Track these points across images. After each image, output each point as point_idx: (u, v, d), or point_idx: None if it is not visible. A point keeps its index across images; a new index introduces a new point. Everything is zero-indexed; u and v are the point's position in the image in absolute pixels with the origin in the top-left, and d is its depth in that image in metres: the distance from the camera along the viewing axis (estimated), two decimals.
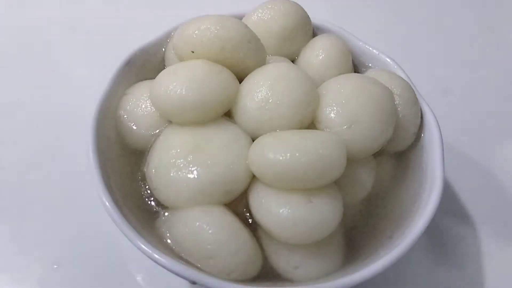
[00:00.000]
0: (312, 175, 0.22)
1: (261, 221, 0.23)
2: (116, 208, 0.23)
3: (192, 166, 0.24)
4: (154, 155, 0.25)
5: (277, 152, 0.22)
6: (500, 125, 0.39)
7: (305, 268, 0.23)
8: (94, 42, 0.41)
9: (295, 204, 0.22)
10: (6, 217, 0.32)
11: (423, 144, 0.27)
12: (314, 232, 0.23)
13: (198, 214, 0.23)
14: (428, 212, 0.23)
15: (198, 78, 0.25)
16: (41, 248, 0.31)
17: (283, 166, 0.22)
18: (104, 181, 0.24)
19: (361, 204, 0.27)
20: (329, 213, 0.23)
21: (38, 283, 0.30)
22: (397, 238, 0.23)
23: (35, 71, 0.39)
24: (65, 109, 0.36)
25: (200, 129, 0.25)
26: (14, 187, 0.33)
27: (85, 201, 0.31)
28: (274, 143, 0.23)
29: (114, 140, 0.27)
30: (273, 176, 0.22)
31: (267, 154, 0.22)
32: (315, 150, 0.22)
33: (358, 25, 0.27)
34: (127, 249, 0.30)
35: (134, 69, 0.29)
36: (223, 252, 0.22)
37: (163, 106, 0.25)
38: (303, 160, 0.22)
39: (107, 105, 0.27)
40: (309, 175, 0.22)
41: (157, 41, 0.30)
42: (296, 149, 0.22)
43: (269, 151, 0.22)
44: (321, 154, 0.22)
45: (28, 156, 0.35)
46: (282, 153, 0.22)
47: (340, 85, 0.26)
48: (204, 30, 0.26)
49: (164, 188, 0.24)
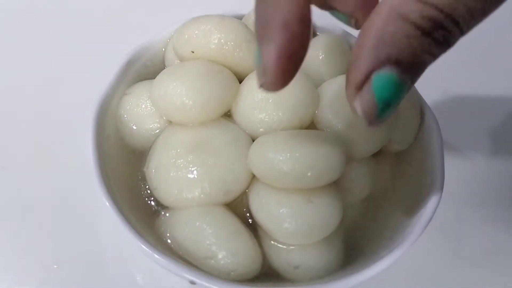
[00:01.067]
0: (312, 175, 0.22)
1: (261, 221, 0.23)
2: (116, 208, 0.23)
3: (192, 166, 0.24)
4: (154, 155, 0.25)
5: (277, 152, 0.22)
6: (500, 125, 0.39)
7: (305, 268, 0.23)
8: (94, 41, 0.41)
9: (295, 204, 0.22)
10: (6, 217, 0.32)
11: (423, 144, 0.27)
12: (314, 232, 0.23)
13: (198, 214, 0.23)
14: (428, 212, 0.23)
15: (198, 78, 0.25)
16: (41, 248, 0.31)
17: (283, 166, 0.22)
18: (104, 180, 0.24)
19: (361, 204, 0.27)
20: (330, 213, 0.23)
21: (38, 283, 0.30)
22: (397, 238, 0.23)
23: (35, 71, 0.39)
24: (65, 109, 0.36)
25: (200, 129, 0.25)
26: (14, 187, 0.33)
27: (85, 201, 0.31)
28: (274, 143, 0.23)
29: (114, 140, 0.27)
30: (273, 176, 0.22)
31: (267, 154, 0.22)
32: (315, 150, 0.22)
33: None
34: (127, 249, 0.30)
35: (134, 69, 0.29)
36: (223, 252, 0.22)
37: (163, 106, 0.25)
38: (303, 160, 0.22)
39: (107, 105, 0.27)
40: (309, 175, 0.22)
41: (158, 41, 0.30)
42: (296, 149, 0.22)
43: (269, 151, 0.22)
44: (321, 154, 0.22)
45: (28, 156, 0.35)
46: (282, 153, 0.22)
47: (340, 85, 0.26)
48: (204, 30, 0.26)
49: (164, 188, 0.24)
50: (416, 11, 0.16)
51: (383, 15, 0.17)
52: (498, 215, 0.34)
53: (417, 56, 0.17)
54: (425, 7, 0.16)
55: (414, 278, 0.31)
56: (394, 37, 0.16)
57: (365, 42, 0.17)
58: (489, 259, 0.32)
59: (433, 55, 0.17)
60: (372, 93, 0.17)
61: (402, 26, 0.16)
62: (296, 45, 0.17)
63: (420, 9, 0.16)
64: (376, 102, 0.17)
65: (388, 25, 0.16)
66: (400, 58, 0.17)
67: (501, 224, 0.34)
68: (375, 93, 0.17)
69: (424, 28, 0.16)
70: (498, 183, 0.35)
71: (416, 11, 0.16)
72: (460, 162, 0.36)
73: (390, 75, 0.17)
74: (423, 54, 0.17)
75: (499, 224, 0.34)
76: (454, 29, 0.17)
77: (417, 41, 0.16)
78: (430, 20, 0.16)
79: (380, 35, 0.17)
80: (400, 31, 0.16)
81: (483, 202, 0.34)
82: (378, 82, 0.17)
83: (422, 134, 0.27)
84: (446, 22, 0.16)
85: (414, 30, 0.16)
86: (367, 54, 0.17)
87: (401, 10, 0.16)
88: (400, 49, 0.17)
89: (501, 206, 0.35)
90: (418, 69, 0.17)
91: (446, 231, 0.33)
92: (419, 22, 0.16)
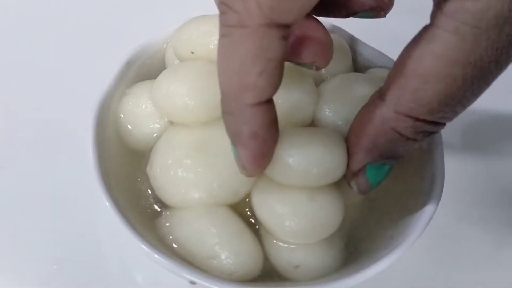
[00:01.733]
0: (317, 173, 0.22)
1: (263, 219, 0.23)
2: (116, 208, 0.23)
3: (201, 166, 0.23)
4: (158, 155, 0.25)
5: (283, 149, 0.22)
6: (501, 125, 0.39)
7: (305, 267, 0.23)
8: (94, 41, 0.40)
9: (299, 203, 0.22)
10: (5, 217, 0.32)
11: (423, 144, 0.27)
12: (317, 231, 0.23)
13: (203, 214, 0.23)
14: (428, 212, 0.23)
15: (199, 78, 0.25)
16: (41, 248, 0.31)
17: (290, 161, 0.21)
18: (104, 180, 0.24)
19: (361, 204, 0.27)
20: (332, 212, 0.23)
21: (38, 283, 0.30)
22: (398, 238, 0.23)
23: (34, 71, 0.39)
24: (64, 109, 0.36)
25: (203, 129, 0.25)
26: (14, 187, 0.33)
27: (85, 201, 0.31)
28: (281, 138, 0.22)
29: (114, 140, 0.27)
30: (278, 171, 0.22)
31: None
32: (322, 148, 0.22)
33: (359, 24, 0.27)
34: (127, 249, 0.30)
35: (134, 69, 0.29)
36: (226, 253, 0.22)
37: (165, 106, 0.25)
38: (309, 157, 0.21)
39: (108, 105, 0.27)
40: (314, 172, 0.22)
41: (157, 41, 0.30)
42: (303, 145, 0.22)
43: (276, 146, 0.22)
44: (327, 151, 0.22)
45: (28, 156, 0.35)
46: (290, 149, 0.21)
47: (340, 85, 0.26)
48: (203, 30, 0.26)
49: (170, 188, 0.24)
50: (408, 127, 0.19)
51: (376, 126, 0.19)
52: (498, 215, 0.34)
53: (406, 152, 0.20)
54: (416, 123, 0.18)
55: (414, 278, 0.31)
56: (387, 145, 0.20)
57: (361, 145, 0.20)
58: (489, 259, 0.32)
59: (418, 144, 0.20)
60: (366, 178, 0.21)
61: (394, 137, 0.19)
62: (267, 146, 0.20)
63: (412, 125, 0.19)
64: (369, 183, 0.21)
65: (381, 135, 0.19)
66: (391, 156, 0.20)
67: (501, 224, 0.34)
68: (369, 178, 0.21)
69: (415, 139, 0.19)
70: (498, 183, 0.36)
71: (408, 128, 0.19)
72: (460, 162, 0.36)
73: (381, 166, 0.21)
74: (411, 149, 0.20)
75: (499, 224, 0.34)
76: (439, 129, 0.20)
77: (408, 145, 0.20)
78: (421, 133, 0.19)
79: (373, 141, 0.20)
80: (393, 140, 0.19)
81: (483, 202, 0.34)
82: (372, 171, 0.21)
83: None
84: (435, 129, 0.19)
85: (406, 140, 0.19)
86: (362, 155, 0.20)
87: (395, 126, 0.19)
88: (392, 152, 0.20)
89: (501, 206, 0.35)
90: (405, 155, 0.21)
91: (446, 231, 0.33)
92: (411, 136, 0.19)
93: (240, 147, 0.19)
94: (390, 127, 0.19)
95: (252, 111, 0.18)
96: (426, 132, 0.19)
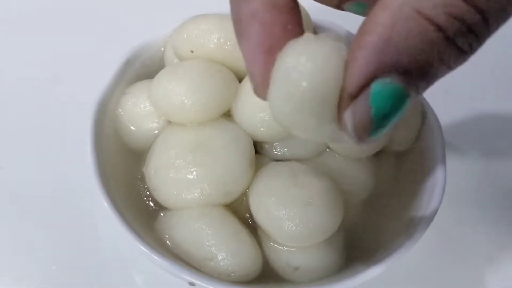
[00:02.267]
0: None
1: (260, 222, 0.23)
2: (115, 208, 0.23)
3: (192, 167, 0.23)
4: (153, 155, 0.25)
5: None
6: (502, 125, 0.39)
7: (305, 269, 0.23)
8: (93, 41, 0.40)
9: (295, 206, 0.22)
10: (4, 217, 0.32)
11: (425, 144, 0.27)
12: (313, 234, 0.22)
13: (198, 215, 0.23)
14: (430, 212, 0.23)
15: (197, 77, 0.25)
16: (40, 248, 0.31)
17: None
18: (103, 181, 0.24)
19: (362, 205, 0.27)
20: (330, 215, 0.22)
21: (37, 283, 0.29)
22: (398, 239, 0.23)
23: (33, 70, 0.39)
24: (63, 108, 0.36)
25: (200, 129, 0.25)
26: (12, 187, 0.33)
27: (84, 201, 0.31)
28: None
29: (113, 140, 0.27)
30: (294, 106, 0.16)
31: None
32: None
33: (359, 24, 0.27)
34: (126, 250, 0.30)
35: (133, 68, 0.29)
36: (223, 254, 0.22)
37: (163, 106, 0.25)
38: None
39: (106, 104, 0.27)
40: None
41: (157, 40, 0.30)
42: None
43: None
44: None
45: (26, 156, 0.35)
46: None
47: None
48: (203, 29, 0.26)
49: (163, 189, 0.24)
50: (438, 5, 0.13)
51: (393, 10, 0.13)
52: (499, 216, 0.34)
53: (431, 66, 0.13)
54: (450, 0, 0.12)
55: (414, 278, 0.31)
56: (406, 40, 0.13)
57: (367, 41, 0.13)
58: (489, 260, 0.32)
59: (450, 67, 0.14)
60: (369, 105, 0.14)
61: (418, 26, 0.13)
62: (272, 35, 0.15)
63: (443, 3, 0.13)
64: (372, 116, 0.14)
65: (398, 23, 0.13)
66: (410, 68, 0.13)
67: (502, 224, 0.34)
68: (373, 106, 0.14)
69: (447, 30, 0.13)
70: (500, 183, 0.35)
71: (438, 6, 0.13)
72: (462, 162, 0.36)
73: (394, 86, 0.13)
74: (439, 65, 0.13)
75: (500, 224, 0.34)
76: (483, 31, 0.13)
77: (435, 48, 0.13)
78: (456, 18, 0.13)
79: (388, 36, 0.13)
80: (415, 32, 0.13)
81: (484, 203, 0.34)
82: (379, 93, 0.13)
83: (424, 134, 0.27)
84: (476, 22, 0.13)
85: (433, 32, 0.13)
86: (369, 57, 0.13)
87: (418, 4, 0.13)
88: (412, 56, 0.13)
89: (502, 207, 0.34)
90: (428, 82, 0.14)
91: (447, 231, 0.33)
92: (441, 21, 0.13)
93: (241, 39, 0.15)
94: (412, 9, 0.13)
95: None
96: (465, 23, 0.13)
